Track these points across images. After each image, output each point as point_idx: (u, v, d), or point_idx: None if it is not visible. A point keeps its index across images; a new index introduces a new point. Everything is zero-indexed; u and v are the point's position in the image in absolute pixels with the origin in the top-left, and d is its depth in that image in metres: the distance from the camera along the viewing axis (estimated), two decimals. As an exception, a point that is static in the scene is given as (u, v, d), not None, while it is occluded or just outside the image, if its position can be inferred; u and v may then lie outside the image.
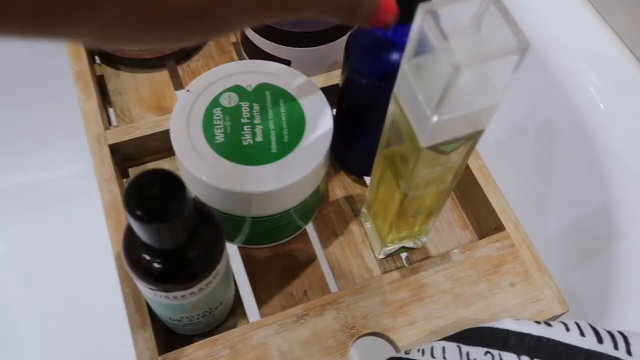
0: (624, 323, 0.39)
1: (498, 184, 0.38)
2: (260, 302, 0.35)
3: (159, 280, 0.26)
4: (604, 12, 0.49)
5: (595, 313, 0.41)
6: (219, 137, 0.32)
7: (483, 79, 0.23)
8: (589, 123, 0.46)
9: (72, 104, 0.41)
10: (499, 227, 0.35)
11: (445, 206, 0.38)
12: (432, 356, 0.27)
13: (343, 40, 0.40)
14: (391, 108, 0.27)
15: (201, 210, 0.27)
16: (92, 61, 0.44)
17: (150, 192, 0.23)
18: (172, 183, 0.24)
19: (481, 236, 0.37)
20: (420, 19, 0.22)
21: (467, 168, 0.36)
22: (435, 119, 0.23)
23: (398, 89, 0.26)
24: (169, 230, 0.24)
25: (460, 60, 0.20)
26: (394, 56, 0.30)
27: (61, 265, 0.66)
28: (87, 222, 0.53)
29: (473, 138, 0.26)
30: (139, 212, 0.23)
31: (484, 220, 0.36)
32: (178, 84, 0.44)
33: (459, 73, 0.21)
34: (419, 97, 0.24)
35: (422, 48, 0.23)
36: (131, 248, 0.27)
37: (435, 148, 0.25)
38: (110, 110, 0.43)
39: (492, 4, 0.22)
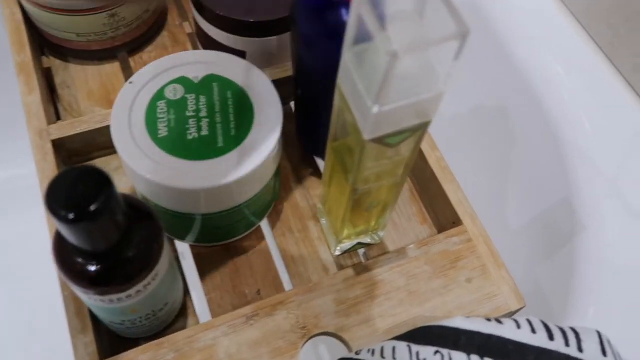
0: (584, 316, 0.38)
1: (462, 176, 0.37)
2: (212, 301, 0.34)
3: (92, 283, 0.25)
4: (569, 4, 0.48)
5: (559, 304, 0.41)
6: (162, 131, 0.30)
7: (425, 67, 0.22)
8: (552, 115, 0.45)
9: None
10: (456, 221, 0.34)
11: (403, 200, 0.37)
12: (382, 356, 0.26)
13: (298, 29, 0.39)
14: (336, 99, 0.26)
15: (136, 207, 0.26)
16: (40, 53, 0.43)
17: (73, 190, 0.22)
18: (97, 180, 0.22)
19: (440, 230, 0.36)
20: (356, 5, 0.21)
21: (424, 160, 0.36)
22: (375, 109, 0.22)
23: (341, 78, 0.24)
24: (96, 230, 0.23)
25: (398, 47, 0.19)
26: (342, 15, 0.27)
27: (25, 267, 0.64)
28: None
29: (420, 130, 0.25)
30: (62, 212, 0.22)
31: (442, 214, 0.35)
32: (129, 75, 0.42)
33: (396, 61, 0.19)
34: (360, 87, 0.22)
35: (363, 35, 0.22)
36: (61, 250, 0.25)
37: (380, 140, 0.24)
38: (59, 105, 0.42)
39: (432, -13, 0.21)
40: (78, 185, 0.22)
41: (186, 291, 0.34)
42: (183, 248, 0.37)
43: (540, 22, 0.48)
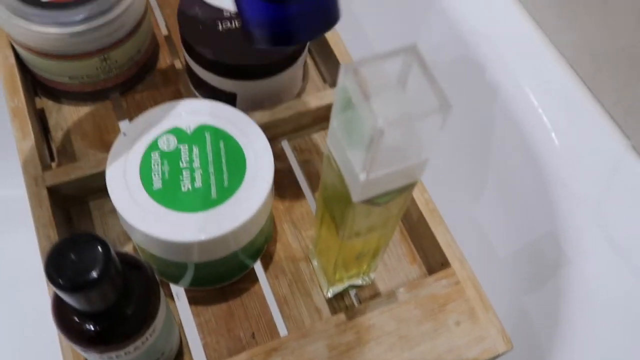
0: (571, 346, 0.39)
1: (449, 207, 0.38)
2: (207, 346, 0.34)
3: (91, 342, 0.26)
4: (553, 38, 0.49)
5: (546, 334, 0.42)
6: (157, 184, 0.31)
7: (411, 137, 0.23)
8: (538, 148, 0.46)
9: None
10: (445, 263, 0.35)
11: (393, 240, 0.38)
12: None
13: (288, 73, 0.40)
14: (326, 158, 0.27)
15: (133, 264, 0.27)
16: (33, 94, 0.43)
17: (72, 260, 0.23)
18: (95, 248, 0.23)
19: (430, 270, 0.37)
20: (342, 78, 0.21)
21: (414, 202, 0.36)
22: (363, 177, 0.23)
23: (330, 142, 0.25)
24: (95, 296, 0.24)
25: (383, 123, 0.20)
26: None
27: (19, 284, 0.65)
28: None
29: (407, 190, 0.26)
30: (61, 282, 0.22)
31: (432, 255, 0.36)
32: (122, 116, 0.43)
33: (382, 137, 0.20)
34: (348, 155, 0.23)
35: (350, 104, 0.23)
36: (60, 310, 0.26)
37: (369, 201, 0.25)
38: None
39: (415, 63, 0.21)
40: (77, 255, 0.23)
41: (182, 334, 0.35)
42: (178, 289, 0.37)
43: (525, 55, 0.49)
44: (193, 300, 0.36)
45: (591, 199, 0.44)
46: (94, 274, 0.22)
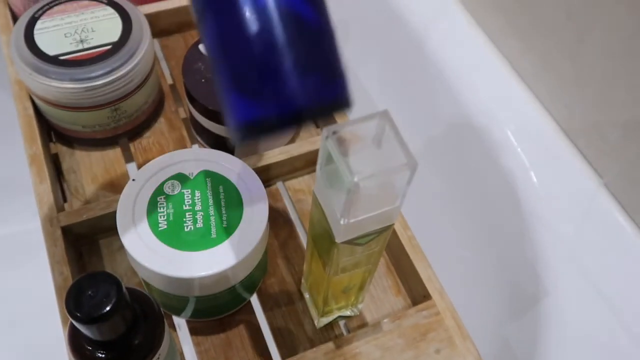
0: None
1: (435, 245, 0.41)
2: (207, 374, 0.37)
3: (102, 369, 0.29)
4: (531, 85, 0.53)
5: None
6: (162, 225, 0.34)
7: (385, 187, 0.26)
8: (519, 187, 0.49)
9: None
10: (427, 295, 0.38)
11: (379, 273, 0.41)
12: None
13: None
14: (313, 201, 0.30)
15: (141, 299, 0.30)
16: (48, 140, 0.47)
17: (88, 295, 0.26)
18: (108, 285, 0.26)
19: (414, 301, 0.40)
20: (324, 139, 0.25)
21: (398, 239, 0.40)
22: (343, 222, 0.26)
23: (316, 188, 0.29)
24: (107, 327, 0.27)
25: (358, 178, 0.24)
26: None
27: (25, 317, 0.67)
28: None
29: (385, 231, 0.29)
30: (79, 315, 0.25)
31: (415, 288, 0.39)
32: (129, 160, 0.47)
33: (357, 189, 0.24)
34: (331, 201, 0.27)
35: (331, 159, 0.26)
36: (75, 339, 0.29)
37: (351, 241, 0.28)
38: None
39: (387, 126, 0.25)
40: (93, 291, 0.26)
41: (183, 364, 0.38)
42: (180, 320, 0.40)
43: (505, 100, 0.53)
44: (193, 331, 0.39)
45: (567, 234, 0.47)
46: (108, 308, 0.26)
